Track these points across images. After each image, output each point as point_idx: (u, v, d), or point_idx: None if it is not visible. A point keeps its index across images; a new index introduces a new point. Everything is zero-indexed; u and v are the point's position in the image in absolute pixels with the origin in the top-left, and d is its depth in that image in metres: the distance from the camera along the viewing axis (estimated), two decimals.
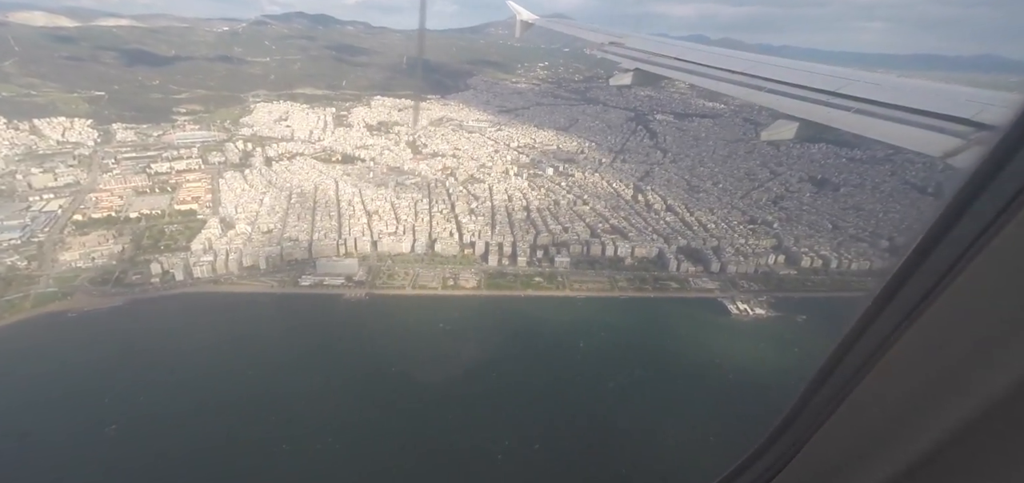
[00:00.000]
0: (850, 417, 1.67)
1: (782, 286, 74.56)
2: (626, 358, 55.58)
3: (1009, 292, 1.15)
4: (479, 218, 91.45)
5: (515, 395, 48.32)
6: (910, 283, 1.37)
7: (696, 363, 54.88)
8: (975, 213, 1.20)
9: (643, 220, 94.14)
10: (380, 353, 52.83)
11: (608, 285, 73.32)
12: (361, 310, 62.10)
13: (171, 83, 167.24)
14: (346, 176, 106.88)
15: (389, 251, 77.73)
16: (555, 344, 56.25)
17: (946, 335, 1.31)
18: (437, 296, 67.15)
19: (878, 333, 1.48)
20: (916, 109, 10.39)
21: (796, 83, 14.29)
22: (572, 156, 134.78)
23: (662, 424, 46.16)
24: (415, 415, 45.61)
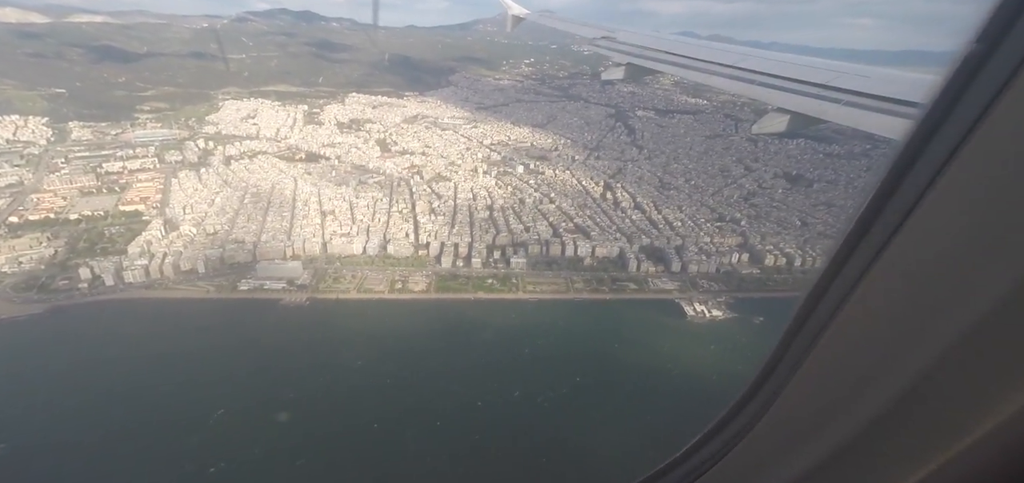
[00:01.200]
0: (790, 401, 1.75)
1: (743, 286, 72.48)
2: (570, 365, 53.23)
3: (908, 294, 1.23)
4: (439, 218, 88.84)
5: (443, 409, 45.67)
6: (842, 273, 1.41)
7: (642, 369, 52.62)
8: (895, 202, 1.24)
9: (608, 218, 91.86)
10: (301, 368, 49.91)
11: (564, 287, 70.97)
12: (297, 317, 59.41)
13: (138, 80, 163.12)
14: (308, 175, 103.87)
15: (339, 253, 74.97)
16: (498, 351, 53.83)
17: (871, 317, 1.37)
18: (382, 300, 64.56)
19: (817, 320, 1.53)
20: (905, 100, 10.29)
21: (787, 76, 14.19)
22: (545, 153, 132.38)
23: (592, 435, 43.85)
24: (319, 442, 42.31)
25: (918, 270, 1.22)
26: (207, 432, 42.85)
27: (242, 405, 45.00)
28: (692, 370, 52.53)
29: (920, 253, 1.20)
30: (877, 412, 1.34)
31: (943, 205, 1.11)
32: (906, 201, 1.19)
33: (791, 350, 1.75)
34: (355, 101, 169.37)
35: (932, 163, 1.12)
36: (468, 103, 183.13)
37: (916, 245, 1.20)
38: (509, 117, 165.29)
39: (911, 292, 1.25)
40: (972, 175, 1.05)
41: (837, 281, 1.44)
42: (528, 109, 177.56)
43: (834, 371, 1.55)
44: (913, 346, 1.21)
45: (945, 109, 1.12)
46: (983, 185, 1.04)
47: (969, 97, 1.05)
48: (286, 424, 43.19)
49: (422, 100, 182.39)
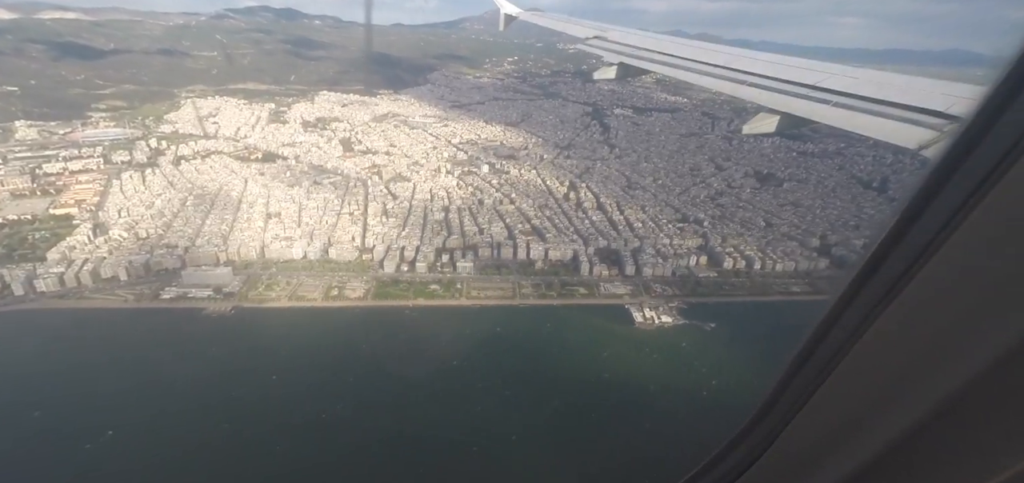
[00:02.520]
0: (821, 409, 1.73)
1: (698, 290, 69.71)
2: (499, 377, 50.18)
3: (967, 287, 1.19)
4: (391, 220, 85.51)
5: (340, 435, 42.23)
6: (874, 279, 1.39)
7: (577, 381, 49.62)
8: (936, 209, 1.21)
9: (567, 220, 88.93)
10: (204, 382, 46.37)
11: (511, 292, 67.86)
12: (216, 328, 55.91)
13: (98, 78, 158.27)
14: (260, 175, 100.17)
15: (278, 257, 71.45)
16: (422, 364, 50.56)
17: (908, 329, 1.34)
18: (314, 308, 61.17)
19: (846, 326, 1.50)
20: (892, 102, 10.46)
21: (778, 77, 14.31)
22: (515, 152, 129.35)
23: (504, 457, 40.89)
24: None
25: (953, 290, 1.17)
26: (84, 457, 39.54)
27: (128, 421, 41.68)
28: (627, 380, 49.69)
29: (957, 272, 1.14)
30: (897, 436, 1.30)
31: (984, 225, 1.06)
32: (946, 215, 1.13)
33: (814, 358, 1.67)
34: (325, 99, 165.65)
35: (968, 185, 1.07)
36: (443, 101, 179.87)
37: (954, 265, 1.14)
38: (483, 115, 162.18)
39: (945, 312, 1.19)
40: (1014, 198, 0.99)
41: (865, 293, 1.37)
42: (504, 107, 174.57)
43: (860, 387, 1.49)
44: (945, 369, 1.17)
45: (990, 119, 1.06)
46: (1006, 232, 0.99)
47: (1017, 109, 1.00)
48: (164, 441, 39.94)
49: (395, 98, 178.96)
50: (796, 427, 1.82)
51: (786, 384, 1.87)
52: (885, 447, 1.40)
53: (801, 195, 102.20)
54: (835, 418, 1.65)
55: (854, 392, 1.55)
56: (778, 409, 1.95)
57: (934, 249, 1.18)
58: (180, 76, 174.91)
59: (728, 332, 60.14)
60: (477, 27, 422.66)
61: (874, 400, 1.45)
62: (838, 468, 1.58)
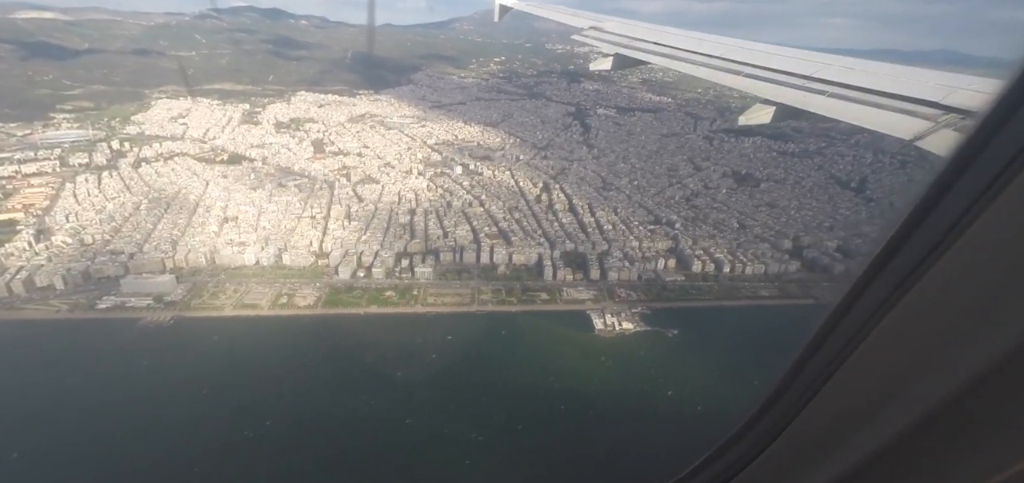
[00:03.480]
0: (826, 404, 1.74)
1: (663, 295, 67.60)
2: (443, 390, 47.75)
3: (973, 287, 1.19)
4: (354, 223, 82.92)
5: (263, 456, 39.63)
6: (881, 278, 1.40)
7: (525, 393, 47.30)
8: (944, 209, 1.22)
9: (536, 222, 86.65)
10: (118, 403, 43.51)
11: (469, 298, 65.46)
12: (150, 339, 53.13)
13: (66, 78, 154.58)
14: (223, 178, 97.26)
15: (228, 264, 68.67)
16: (364, 377, 48.09)
17: (915, 328, 1.35)
18: (259, 317, 58.49)
19: (852, 324, 1.52)
20: (887, 92, 10.25)
21: (774, 67, 14.17)
22: (491, 153, 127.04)
23: (439, 477, 38.49)
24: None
25: (957, 292, 1.17)
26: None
27: (34, 445, 38.93)
28: (579, 391, 47.44)
29: (967, 274, 1.15)
30: (901, 434, 1.31)
31: (993, 226, 1.06)
32: (952, 217, 1.14)
33: (817, 358, 1.70)
34: (302, 100, 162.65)
35: (981, 182, 1.06)
36: (424, 101, 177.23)
37: (959, 266, 1.15)
38: (463, 116, 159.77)
39: (949, 313, 1.20)
40: (1005, 223, 1.01)
41: (869, 293, 1.39)
42: (485, 107, 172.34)
43: (863, 385, 1.51)
44: (945, 369, 1.18)
45: (999, 125, 1.06)
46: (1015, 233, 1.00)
47: (1001, 145, 1.01)
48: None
49: (375, 99, 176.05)
50: (801, 421, 1.82)
51: (791, 380, 1.87)
52: (888, 443, 1.40)
53: (777, 196, 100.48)
54: (840, 413, 1.64)
55: (859, 388, 1.55)
56: (782, 404, 1.94)
57: (942, 250, 1.18)
58: (153, 76, 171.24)
59: (690, 339, 58.03)
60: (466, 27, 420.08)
61: (879, 397, 1.45)
62: (840, 463, 1.59)
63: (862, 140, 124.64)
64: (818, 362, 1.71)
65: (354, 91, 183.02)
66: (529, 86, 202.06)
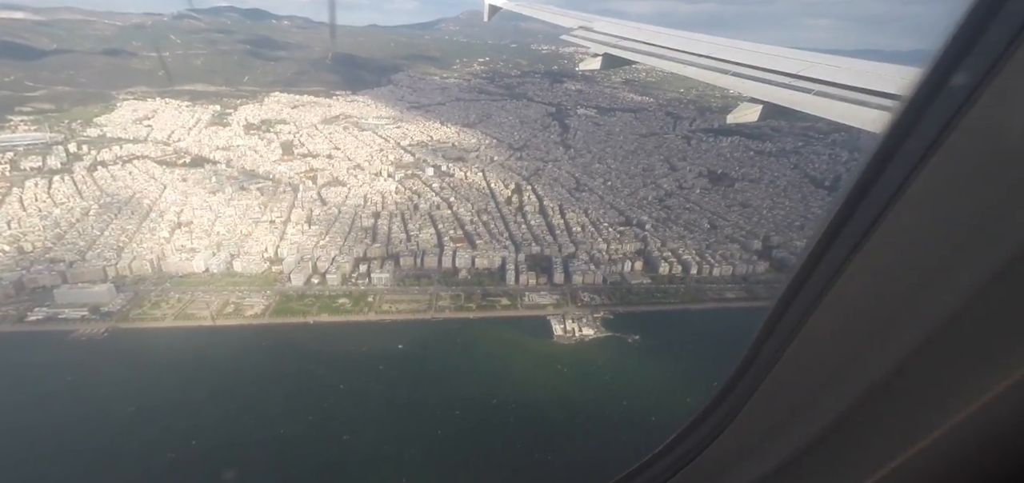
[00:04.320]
0: (764, 401, 1.81)
1: (628, 298, 65.81)
2: (386, 402, 45.47)
3: (884, 289, 1.27)
4: (314, 228, 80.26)
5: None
6: (813, 275, 1.46)
7: (472, 404, 45.16)
8: (865, 206, 1.27)
9: (504, 225, 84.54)
10: (33, 423, 40.63)
11: (426, 305, 63.19)
12: (80, 353, 50.30)
13: (30, 79, 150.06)
14: (183, 181, 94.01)
15: (176, 271, 65.80)
16: (304, 390, 45.68)
17: (841, 320, 1.42)
18: (200, 329, 55.76)
19: (789, 320, 1.58)
20: (872, 89, 10.35)
21: (760, 66, 14.07)
22: (465, 154, 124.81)
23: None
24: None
25: (890, 269, 1.24)
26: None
27: None
28: (530, 402, 45.37)
29: (893, 252, 1.22)
30: (847, 408, 1.38)
31: (923, 198, 1.12)
32: (881, 200, 1.20)
33: (764, 349, 1.76)
34: (276, 101, 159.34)
35: (906, 163, 1.13)
36: (402, 102, 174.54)
37: (889, 244, 1.21)
38: (441, 116, 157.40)
39: (883, 290, 1.26)
40: (946, 176, 1.07)
41: (811, 280, 1.46)
42: (464, 108, 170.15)
43: (807, 369, 1.58)
44: (884, 343, 1.24)
45: (920, 109, 1.13)
46: (956, 185, 1.06)
47: (944, 97, 1.06)
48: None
49: (352, 99, 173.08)
50: (742, 417, 1.89)
51: (737, 378, 1.93)
52: (821, 431, 1.47)
53: (751, 195, 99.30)
54: (778, 409, 1.72)
55: (796, 381, 1.62)
56: (726, 403, 2.01)
57: (868, 235, 1.23)
58: (122, 77, 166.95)
59: (651, 344, 56.23)
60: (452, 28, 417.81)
61: (816, 386, 1.51)
62: (777, 454, 1.67)
63: (839, 139, 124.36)
64: (760, 360, 1.75)
65: (331, 92, 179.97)
66: (511, 86, 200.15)
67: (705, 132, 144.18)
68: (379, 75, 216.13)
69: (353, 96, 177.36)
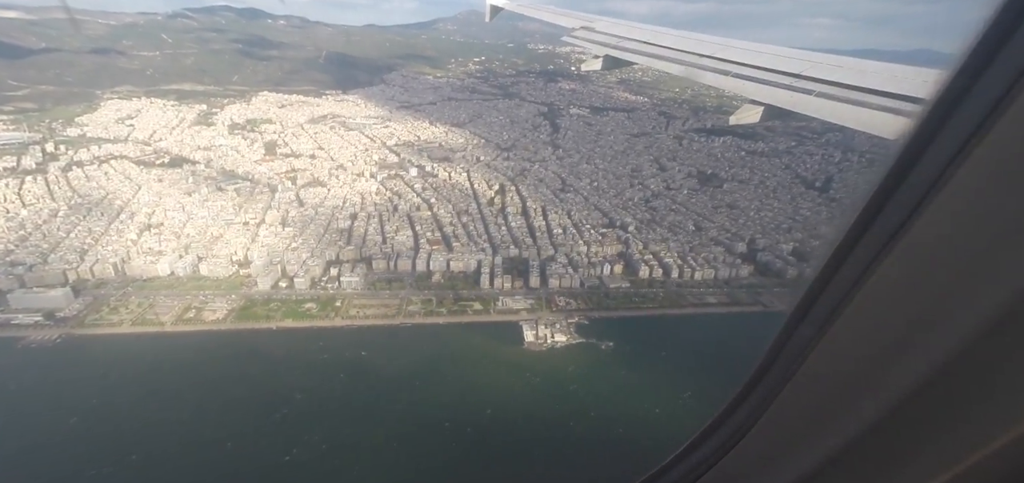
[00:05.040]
0: (785, 410, 1.78)
1: (605, 303, 63.80)
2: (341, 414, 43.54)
3: (918, 290, 1.21)
4: (287, 230, 78.36)
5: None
6: (841, 272, 1.41)
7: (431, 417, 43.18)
8: (887, 214, 1.24)
9: (484, 226, 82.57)
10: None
11: (396, 309, 61.27)
12: (28, 361, 48.51)
13: (15, 78, 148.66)
14: (158, 182, 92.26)
15: (140, 274, 64.00)
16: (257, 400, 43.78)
17: (860, 335, 1.38)
18: (158, 334, 53.91)
19: (816, 318, 1.53)
20: (874, 89, 10.08)
21: (762, 66, 13.84)
22: (451, 153, 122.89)
23: None
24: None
25: (921, 274, 1.19)
26: None
27: None
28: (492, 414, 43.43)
29: (925, 256, 1.18)
30: (876, 417, 1.32)
31: (951, 206, 1.07)
32: (911, 201, 1.15)
33: (789, 347, 1.71)
34: (264, 100, 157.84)
35: (937, 164, 1.08)
36: (392, 101, 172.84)
37: (922, 247, 1.17)
38: (431, 116, 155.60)
39: (914, 295, 1.22)
40: (981, 178, 1.02)
41: (837, 279, 1.41)
42: (455, 107, 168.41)
43: (828, 379, 1.53)
44: (914, 353, 1.19)
45: (950, 107, 1.08)
46: (992, 188, 1.01)
47: (978, 94, 1.01)
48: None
49: (342, 99, 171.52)
50: (771, 415, 1.83)
51: (764, 371, 1.87)
52: (855, 436, 1.41)
53: (739, 196, 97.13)
54: (801, 414, 1.68)
55: (821, 385, 1.56)
56: (753, 398, 1.95)
57: (898, 237, 1.19)
58: (109, 76, 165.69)
59: (624, 352, 54.23)
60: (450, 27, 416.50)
61: (846, 388, 1.45)
62: (809, 456, 1.61)
63: (833, 139, 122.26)
64: (787, 355, 1.70)
65: (321, 91, 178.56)
66: (505, 86, 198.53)
67: (698, 132, 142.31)
68: (372, 74, 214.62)
69: (343, 95, 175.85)
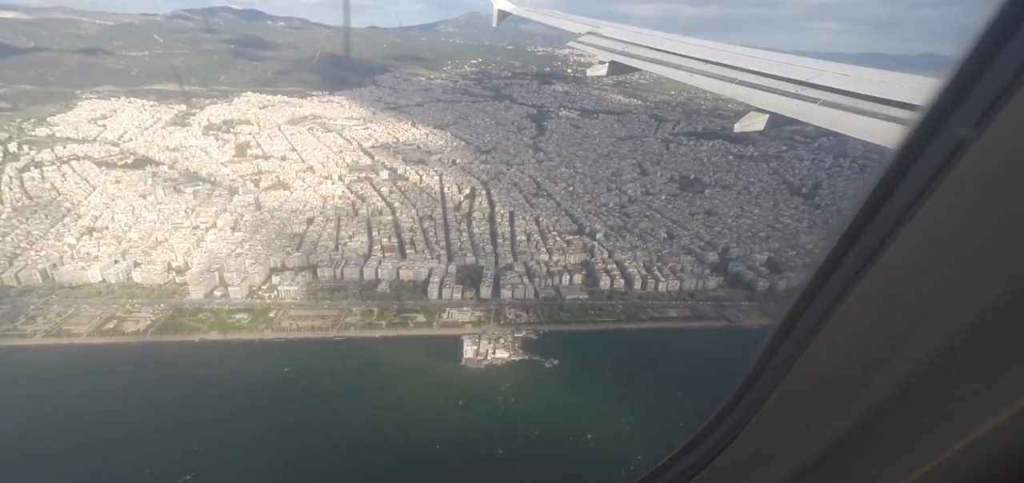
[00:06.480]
0: (785, 400, 1.80)
1: (558, 316, 59.65)
2: (241, 438, 39.88)
3: (898, 300, 1.25)
4: (237, 234, 75.09)
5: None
6: (829, 282, 1.44)
7: (341, 448, 39.35)
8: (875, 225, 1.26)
9: (445, 232, 78.75)
10: None
11: (333, 321, 57.57)
12: None
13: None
14: (115, 184, 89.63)
15: (69, 281, 60.95)
16: (150, 421, 40.27)
17: (852, 336, 1.41)
18: (70, 347, 50.62)
19: (807, 322, 1.56)
20: (879, 98, 10.23)
21: (767, 73, 14.10)
22: (428, 156, 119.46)
23: None
24: None
25: (911, 275, 1.22)
26: None
27: None
28: (403, 446, 39.47)
29: (914, 258, 1.20)
30: (867, 415, 1.35)
31: (947, 202, 1.10)
32: (901, 205, 1.18)
33: (781, 351, 1.74)
34: (246, 101, 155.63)
35: (928, 169, 1.11)
36: (378, 103, 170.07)
37: (910, 250, 1.19)
38: (416, 117, 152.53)
39: (903, 297, 1.24)
40: (970, 182, 1.04)
41: (829, 283, 1.43)
42: (443, 109, 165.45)
43: (819, 380, 1.56)
44: (904, 350, 1.22)
45: (944, 114, 1.10)
46: (980, 192, 1.03)
47: (969, 102, 1.04)
48: None
49: (327, 100, 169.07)
50: (762, 416, 1.86)
51: (757, 374, 1.90)
52: (843, 435, 1.44)
53: (719, 202, 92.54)
54: (794, 414, 1.70)
55: (813, 385, 1.59)
56: (746, 401, 1.98)
57: (889, 240, 1.21)
58: (93, 76, 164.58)
59: (568, 370, 50.07)
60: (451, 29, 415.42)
61: (835, 389, 1.48)
62: (800, 455, 1.64)
63: (825, 143, 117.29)
64: (771, 370, 1.74)
65: (308, 92, 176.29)
66: (498, 88, 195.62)
67: (688, 135, 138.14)
68: (364, 76, 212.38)
69: (329, 96, 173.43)
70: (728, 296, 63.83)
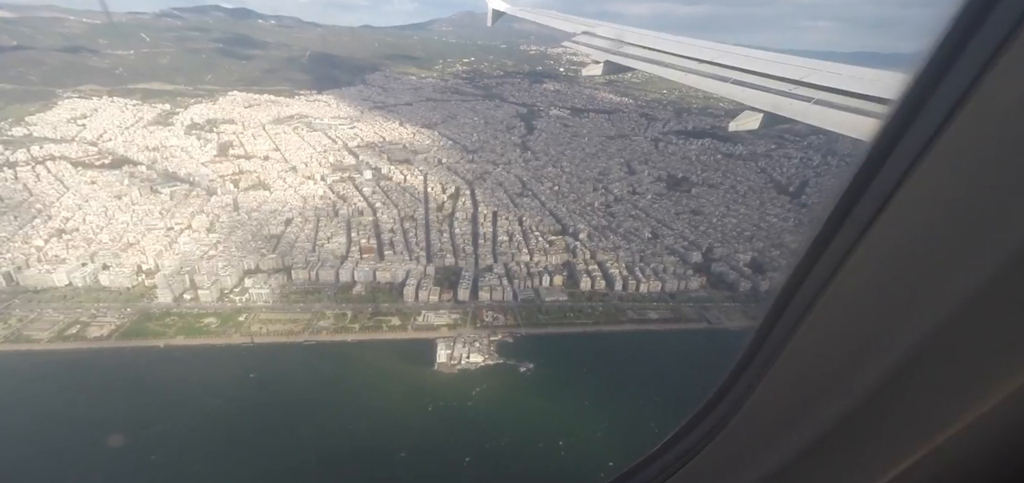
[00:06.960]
0: (758, 405, 1.81)
1: (536, 319, 58.43)
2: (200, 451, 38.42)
3: (882, 287, 1.25)
4: (211, 236, 73.46)
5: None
6: (812, 273, 1.44)
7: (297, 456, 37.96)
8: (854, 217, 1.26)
9: (425, 233, 77.38)
10: None
11: (305, 325, 56.13)
12: None
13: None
14: (90, 184, 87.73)
15: (34, 284, 59.24)
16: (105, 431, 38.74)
17: (837, 326, 1.41)
18: (29, 353, 48.96)
19: (783, 326, 1.58)
20: (873, 96, 10.16)
21: (761, 72, 14.17)
22: (413, 155, 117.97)
23: None
24: None
25: (893, 262, 1.22)
26: None
27: None
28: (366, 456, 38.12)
29: (896, 245, 1.20)
30: (854, 405, 1.35)
31: (920, 194, 1.11)
32: (882, 191, 1.18)
33: (766, 344, 1.74)
34: (231, 100, 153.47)
35: (908, 154, 1.12)
36: (366, 102, 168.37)
37: (892, 236, 1.20)
38: (403, 117, 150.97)
39: (887, 284, 1.25)
40: (948, 165, 1.05)
41: (813, 273, 1.44)
42: (432, 108, 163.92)
43: (810, 364, 1.56)
44: (889, 338, 1.22)
45: (920, 99, 1.12)
46: (959, 175, 1.04)
47: (946, 87, 1.04)
48: None
49: (314, 99, 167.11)
50: (738, 419, 1.88)
51: (737, 376, 1.91)
52: (820, 436, 1.45)
53: (705, 202, 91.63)
54: (779, 406, 1.70)
55: (799, 376, 1.59)
56: (722, 405, 2.01)
57: (869, 228, 1.21)
58: (76, 75, 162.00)
59: (544, 375, 48.84)
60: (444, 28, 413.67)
61: (820, 382, 1.49)
62: (773, 458, 1.65)
63: (815, 141, 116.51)
64: (757, 362, 1.74)
65: (295, 91, 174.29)
66: (489, 87, 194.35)
67: (678, 134, 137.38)
68: (353, 75, 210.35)
69: (317, 95, 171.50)
70: (710, 297, 62.80)
